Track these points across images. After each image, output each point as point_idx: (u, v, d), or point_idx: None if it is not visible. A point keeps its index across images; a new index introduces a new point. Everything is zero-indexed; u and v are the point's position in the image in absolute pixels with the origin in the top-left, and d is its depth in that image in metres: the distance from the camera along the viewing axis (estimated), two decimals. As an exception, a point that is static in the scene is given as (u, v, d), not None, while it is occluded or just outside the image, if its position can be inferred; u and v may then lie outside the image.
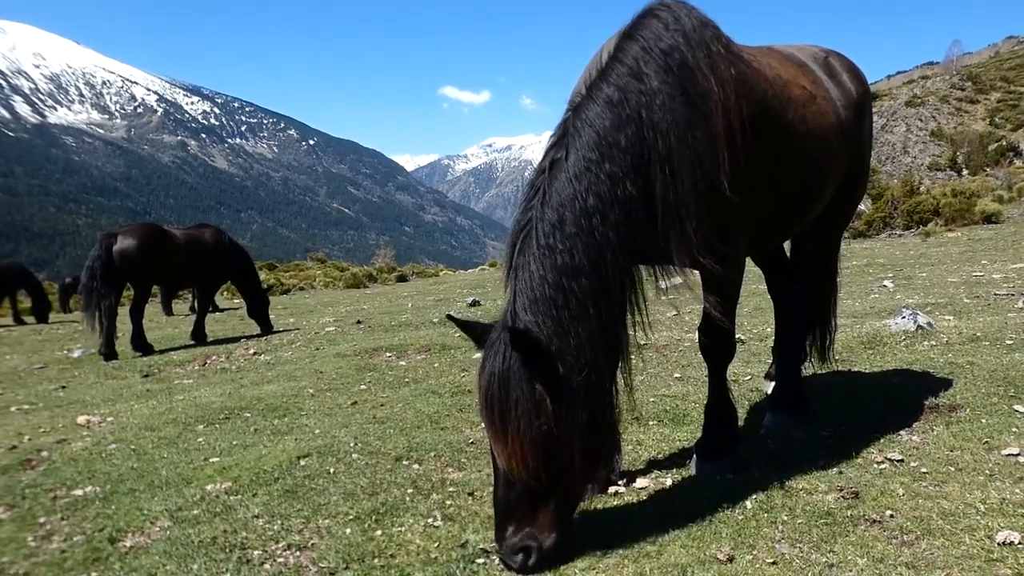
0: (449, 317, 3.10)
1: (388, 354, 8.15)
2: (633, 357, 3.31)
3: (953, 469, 3.60)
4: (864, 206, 22.00)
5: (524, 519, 2.87)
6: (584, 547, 3.04)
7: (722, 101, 3.21)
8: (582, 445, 2.89)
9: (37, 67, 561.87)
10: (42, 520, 3.78)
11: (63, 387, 8.17)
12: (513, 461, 2.78)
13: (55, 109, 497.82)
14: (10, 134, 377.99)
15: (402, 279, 27.50)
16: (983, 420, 4.20)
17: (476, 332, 3.04)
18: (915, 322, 6.65)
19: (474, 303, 13.12)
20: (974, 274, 10.73)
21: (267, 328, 12.03)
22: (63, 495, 4.14)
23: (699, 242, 3.14)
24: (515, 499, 2.86)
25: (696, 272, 3.60)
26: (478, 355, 3.04)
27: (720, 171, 3.17)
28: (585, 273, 2.89)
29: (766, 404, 4.78)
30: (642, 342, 3.26)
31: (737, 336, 7.15)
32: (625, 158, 3.01)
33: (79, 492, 4.17)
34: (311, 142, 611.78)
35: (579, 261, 2.89)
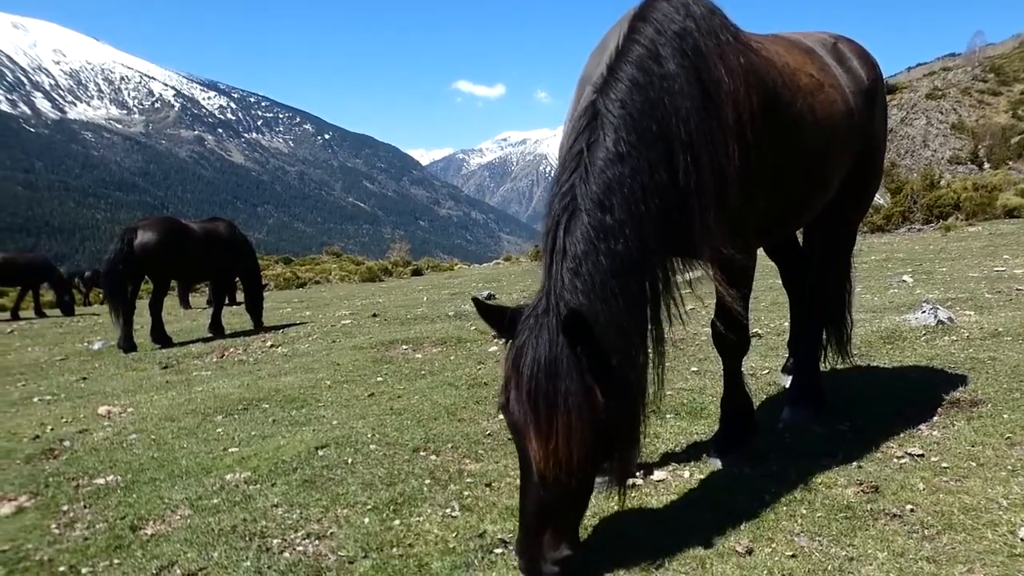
0: (475, 300, 2.88)
1: (404, 347, 8.17)
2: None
3: (974, 464, 3.57)
4: (883, 200, 21.78)
5: (559, 525, 2.66)
6: (602, 540, 3.04)
7: (732, 92, 3.16)
8: (624, 444, 2.75)
9: (57, 63, 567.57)
10: (65, 508, 3.83)
11: (84, 378, 8.26)
12: (554, 460, 2.53)
13: (75, 105, 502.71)
14: (31, 130, 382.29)
15: (417, 273, 27.61)
16: (1005, 415, 4.16)
17: (500, 318, 2.79)
18: (935, 317, 6.59)
19: (489, 297, 13.12)
20: (995, 269, 10.60)
21: (259, 324, 12.06)
22: (85, 484, 4.20)
23: (717, 233, 3.11)
24: (551, 503, 2.63)
25: (709, 264, 3.56)
26: (495, 347, 2.95)
27: (731, 161, 3.12)
28: (636, 263, 2.79)
29: (784, 398, 4.76)
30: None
31: (754, 330, 7.11)
32: (658, 144, 2.94)
33: (101, 481, 4.22)
34: (326, 137, 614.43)
35: (632, 249, 2.76)
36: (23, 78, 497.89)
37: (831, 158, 4.05)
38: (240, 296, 19.58)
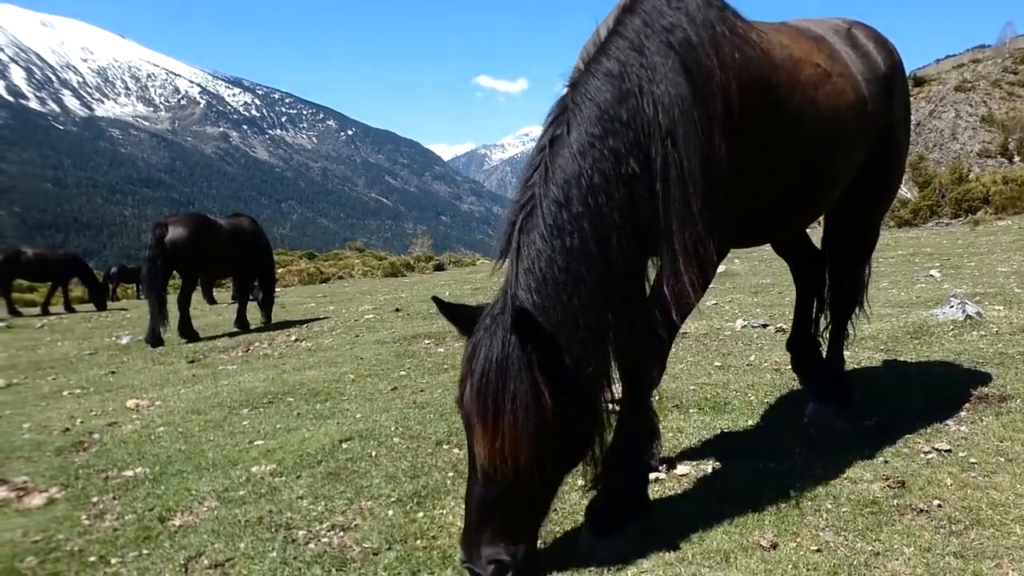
0: (435, 299, 2.83)
1: (427, 341, 8.21)
2: (672, 347, 3.18)
3: (1003, 460, 3.52)
4: (910, 194, 21.49)
5: (499, 526, 2.62)
6: (624, 533, 3.03)
7: (724, 85, 3.02)
8: (574, 447, 2.71)
9: (85, 61, 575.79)
10: (95, 500, 3.90)
11: (112, 372, 8.39)
12: (498, 459, 2.52)
13: (102, 102, 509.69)
14: (59, 127, 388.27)
15: (439, 268, 27.68)
16: (1035, 411, 4.09)
17: (462, 317, 2.77)
18: (963, 312, 6.49)
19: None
20: (1026, 263, 10.43)
21: (269, 320, 12.28)
22: (114, 476, 4.27)
23: (703, 223, 2.91)
24: (493, 502, 2.60)
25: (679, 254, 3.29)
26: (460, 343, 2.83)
27: (717, 155, 2.96)
28: (594, 258, 2.68)
29: (809, 394, 4.71)
30: (682, 330, 3.21)
31: (779, 326, 7.06)
32: (627, 133, 2.82)
33: (129, 473, 4.29)
34: (349, 132, 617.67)
35: (588, 245, 2.68)
36: (52, 76, 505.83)
37: (838, 151, 3.86)
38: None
